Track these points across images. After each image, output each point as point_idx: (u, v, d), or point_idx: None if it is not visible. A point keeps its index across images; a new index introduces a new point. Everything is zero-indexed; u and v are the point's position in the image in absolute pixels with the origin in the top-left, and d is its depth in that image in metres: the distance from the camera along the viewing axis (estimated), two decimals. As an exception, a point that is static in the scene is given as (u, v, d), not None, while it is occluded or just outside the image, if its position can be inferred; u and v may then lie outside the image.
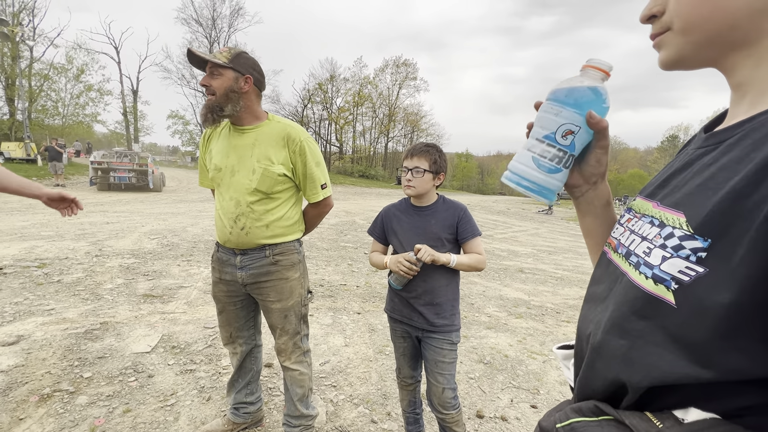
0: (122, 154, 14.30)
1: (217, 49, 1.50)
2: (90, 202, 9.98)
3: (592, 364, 0.50)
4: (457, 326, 1.60)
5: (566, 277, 5.84)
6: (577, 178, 0.65)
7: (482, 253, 1.58)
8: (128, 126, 33.43)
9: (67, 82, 27.48)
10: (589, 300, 0.58)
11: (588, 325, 0.54)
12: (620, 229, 0.57)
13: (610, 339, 0.47)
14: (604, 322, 0.49)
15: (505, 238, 9.84)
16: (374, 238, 1.73)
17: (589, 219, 0.69)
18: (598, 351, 0.49)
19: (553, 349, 0.71)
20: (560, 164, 0.59)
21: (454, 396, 1.61)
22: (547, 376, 2.67)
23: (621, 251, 0.53)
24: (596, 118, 0.56)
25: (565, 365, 0.67)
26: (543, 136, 0.59)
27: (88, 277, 3.94)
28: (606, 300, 0.52)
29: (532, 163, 0.60)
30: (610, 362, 0.47)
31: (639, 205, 0.55)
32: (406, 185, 1.56)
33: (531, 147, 0.60)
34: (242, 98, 1.50)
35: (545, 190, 0.60)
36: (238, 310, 1.72)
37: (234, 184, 1.53)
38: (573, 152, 0.59)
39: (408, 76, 47.27)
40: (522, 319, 3.78)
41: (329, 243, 6.77)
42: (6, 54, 23.53)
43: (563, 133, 0.57)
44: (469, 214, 1.60)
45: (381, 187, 33.24)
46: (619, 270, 0.52)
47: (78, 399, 2.03)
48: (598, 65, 0.57)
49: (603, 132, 0.58)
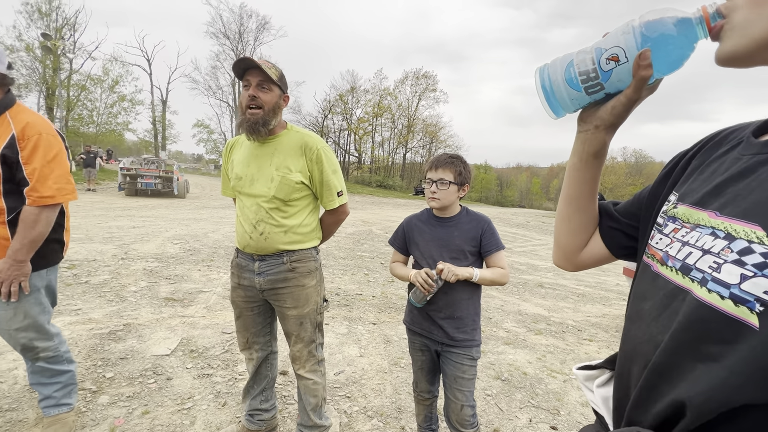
0: (149, 161, 14.88)
1: (261, 60, 1.53)
2: (118, 207, 10.38)
3: (651, 385, 0.47)
4: (477, 341, 1.57)
5: (588, 294, 5.65)
6: (587, 114, 0.59)
7: (505, 268, 1.54)
8: (156, 134, 34.76)
9: (102, 93, 28.89)
10: (635, 317, 0.54)
11: (638, 344, 0.51)
12: (665, 240, 0.53)
13: (678, 361, 0.44)
14: (666, 342, 0.45)
15: (525, 251, 9.64)
16: (395, 248, 1.72)
17: (574, 159, 0.66)
18: (659, 372, 0.46)
19: (573, 369, 0.68)
20: (583, 84, 0.52)
21: (473, 414, 1.56)
22: (568, 397, 2.57)
23: (673, 265, 0.49)
24: (645, 61, 0.47)
25: (587, 387, 0.64)
26: (596, 47, 0.52)
27: (113, 279, 4.07)
28: (660, 318, 0.48)
29: (565, 65, 0.53)
30: (676, 384, 0.43)
31: (687, 214, 0.51)
32: (431, 197, 1.54)
33: (581, 50, 0.53)
34: (280, 114, 1.59)
35: (552, 98, 0.54)
36: (255, 316, 1.74)
37: (254, 192, 1.58)
38: (604, 82, 0.51)
39: (428, 87, 47.54)
40: (541, 336, 3.67)
41: (346, 252, 6.79)
42: (48, 66, 25.00)
43: (609, 57, 0.49)
44: (493, 226, 1.58)
45: (398, 197, 33.28)
46: (676, 286, 0.48)
47: (100, 398, 2.08)
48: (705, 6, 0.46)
49: (639, 82, 0.49)
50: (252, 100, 1.50)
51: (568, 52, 0.54)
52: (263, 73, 1.48)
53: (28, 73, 25.10)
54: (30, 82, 25.37)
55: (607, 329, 4.10)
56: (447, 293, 1.52)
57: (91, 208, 9.71)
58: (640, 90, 0.51)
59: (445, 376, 1.60)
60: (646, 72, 0.48)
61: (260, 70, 1.48)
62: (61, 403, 1.77)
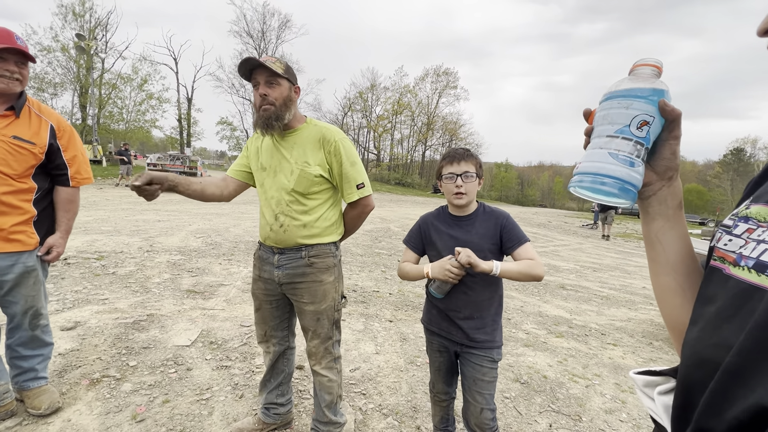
0: (175, 157, 15.34)
1: (264, 57, 1.54)
2: (145, 201, 10.74)
3: (725, 389, 0.43)
4: (498, 343, 1.51)
5: (612, 297, 5.46)
6: (649, 175, 0.59)
7: (535, 258, 1.42)
8: (182, 131, 35.81)
9: (131, 91, 30.01)
10: (700, 321, 0.51)
11: (703, 348, 0.48)
12: (737, 241, 0.50)
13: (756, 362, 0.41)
14: (741, 343, 0.42)
15: (546, 252, 9.41)
16: (409, 247, 1.64)
17: (659, 223, 0.61)
18: (734, 375, 0.42)
19: (631, 373, 0.63)
20: (639, 157, 0.55)
21: (493, 418, 1.51)
22: (591, 402, 2.48)
23: (745, 264, 0.46)
24: (670, 106, 0.53)
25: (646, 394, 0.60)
26: (616, 131, 0.55)
27: (139, 271, 4.21)
28: (732, 319, 0.45)
29: (609, 158, 0.55)
30: (754, 387, 0.40)
31: (762, 213, 0.48)
32: (457, 192, 1.45)
33: (603, 145, 0.56)
34: (293, 106, 1.58)
35: (629, 185, 0.54)
36: (274, 309, 1.74)
37: (275, 184, 1.59)
38: (648, 145, 0.55)
39: (448, 84, 47.09)
40: (563, 339, 3.56)
41: (364, 249, 6.80)
42: (82, 65, 26.11)
43: (638, 125, 0.54)
44: (512, 220, 1.50)
45: (417, 195, 33.14)
46: (750, 285, 0.45)
47: (123, 386, 2.14)
48: (651, 62, 0.55)
49: (677, 120, 0.55)
50: (263, 99, 1.51)
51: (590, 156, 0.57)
52: (268, 70, 1.48)
53: (63, 72, 26.29)
54: (65, 81, 26.56)
55: (633, 334, 3.94)
56: (467, 293, 1.47)
57: (120, 202, 10.09)
58: (680, 125, 0.56)
59: (464, 378, 1.55)
60: (678, 111, 0.54)
61: (265, 67, 1.48)
62: (40, 376, 1.90)
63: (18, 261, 1.69)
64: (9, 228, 1.64)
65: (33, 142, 1.67)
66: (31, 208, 1.71)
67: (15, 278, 1.70)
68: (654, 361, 3.31)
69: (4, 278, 1.69)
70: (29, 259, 1.73)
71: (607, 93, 0.57)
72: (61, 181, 1.82)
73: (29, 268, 1.73)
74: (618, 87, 0.56)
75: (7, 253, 1.67)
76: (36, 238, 1.75)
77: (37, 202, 1.74)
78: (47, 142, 1.71)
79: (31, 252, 1.74)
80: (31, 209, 1.71)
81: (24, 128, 1.66)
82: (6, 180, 1.61)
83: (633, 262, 9.15)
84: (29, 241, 1.72)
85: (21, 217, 1.68)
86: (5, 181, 1.61)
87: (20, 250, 1.69)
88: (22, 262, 1.70)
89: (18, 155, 1.63)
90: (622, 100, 0.55)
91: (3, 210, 1.62)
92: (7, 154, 1.60)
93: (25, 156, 1.65)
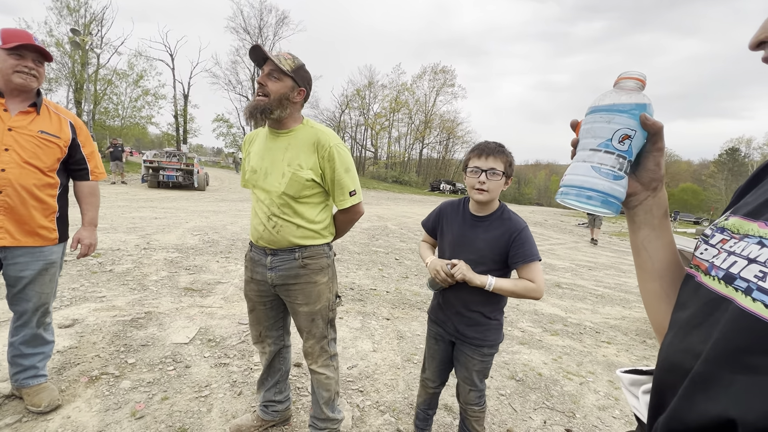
0: (171, 154, 15.23)
1: (278, 52, 1.53)
2: (141, 198, 10.69)
3: (690, 396, 0.45)
4: (490, 341, 1.54)
5: (607, 295, 5.52)
6: (634, 185, 0.61)
7: (537, 282, 1.38)
8: (178, 128, 35.57)
9: (127, 87, 29.74)
10: (674, 326, 0.53)
11: (674, 353, 0.50)
12: (711, 251, 0.52)
13: (719, 372, 0.43)
14: (707, 352, 0.44)
15: (542, 250, 9.47)
16: (425, 230, 1.71)
17: (645, 231, 0.63)
18: (700, 383, 0.44)
19: (618, 372, 0.66)
20: (621, 170, 0.57)
21: (479, 395, 1.62)
22: (585, 399, 2.52)
23: (716, 274, 0.49)
24: (651, 120, 0.55)
25: (631, 392, 0.62)
26: (598, 145, 0.57)
27: (136, 269, 4.20)
28: (700, 327, 0.48)
29: (592, 171, 0.57)
30: (718, 397, 0.42)
31: (737, 225, 0.50)
32: (479, 188, 1.39)
33: (586, 158, 0.58)
34: (290, 107, 1.54)
35: (611, 198, 0.57)
36: (268, 310, 1.75)
37: (267, 186, 1.56)
38: (630, 158, 0.58)
39: (446, 82, 47.08)
40: (558, 337, 3.60)
41: (361, 247, 6.82)
42: (77, 61, 25.85)
43: (620, 138, 0.56)
44: (527, 234, 1.42)
45: (414, 193, 33.15)
46: (718, 295, 0.47)
47: (122, 383, 2.16)
48: (634, 75, 0.57)
49: (659, 133, 0.57)
50: (260, 88, 1.50)
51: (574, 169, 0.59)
52: (273, 63, 1.48)
53: (58, 67, 26.00)
54: (60, 76, 26.27)
55: (627, 332, 4.00)
56: (460, 290, 1.51)
57: (116, 199, 10.04)
58: (663, 137, 0.58)
59: (457, 362, 1.64)
60: (660, 125, 0.56)
61: (272, 60, 1.47)
62: (40, 374, 1.92)
63: (39, 257, 1.74)
64: (37, 222, 1.70)
65: (58, 136, 1.74)
66: (55, 204, 1.77)
67: (33, 275, 1.74)
68: (647, 358, 3.36)
69: (23, 274, 1.71)
70: (51, 254, 1.78)
71: (591, 106, 0.59)
72: (81, 176, 1.89)
73: (49, 264, 1.78)
74: (601, 101, 0.58)
75: (29, 248, 1.71)
76: (56, 234, 1.80)
77: (59, 198, 1.80)
78: (71, 137, 1.79)
79: (52, 247, 1.78)
80: (55, 204, 1.77)
81: (47, 124, 1.73)
82: (36, 174, 1.68)
83: (628, 260, 9.23)
84: (51, 236, 1.77)
85: (46, 212, 1.74)
86: (35, 175, 1.67)
87: (42, 245, 1.74)
88: (43, 257, 1.75)
89: (47, 149, 1.70)
90: (605, 114, 0.57)
91: (32, 204, 1.68)
92: (36, 148, 1.67)
93: (53, 150, 1.72)
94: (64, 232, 1.86)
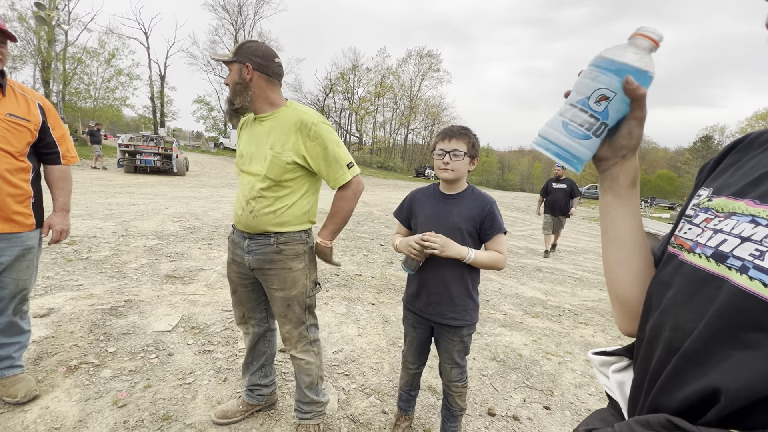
0: (149, 138, 14.71)
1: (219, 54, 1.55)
2: (117, 183, 10.34)
3: (680, 371, 0.46)
4: (468, 322, 1.58)
5: (586, 278, 5.70)
6: (605, 150, 0.60)
7: (503, 252, 1.52)
8: (155, 111, 34.29)
9: (98, 66, 28.36)
10: (656, 305, 0.54)
11: (661, 331, 0.51)
12: (695, 230, 0.53)
13: (713, 348, 0.43)
14: (700, 330, 0.45)
15: (524, 235, 9.67)
16: (399, 221, 1.72)
17: (609, 197, 0.63)
18: (694, 360, 0.45)
19: (589, 354, 0.68)
20: (590, 131, 0.56)
21: (460, 372, 1.67)
22: (562, 378, 2.62)
23: (702, 252, 0.49)
24: (633, 84, 0.52)
25: (602, 372, 0.65)
26: (576, 101, 0.56)
27: (114, 256, 4.09)
28: (687, 305, 0.48)
29: (561, 127, 0.57)
30: (708, 371, 0.43)
31: (722, 204, 0.51)
32: (443, 168, 1.49)
33: (563, 112, 0.57)
34: (249, 88, 1.50)
35: (573, 157, 0.57)
36: (249, 292, 1.74)
37: (251, 170, 1.56)
38: (605, 120, 0.56)
39: (431, 67, 46.66)
40: (538, 319, 3.72)
41: (346, 233, 6.81)
42: (43, 38, 24.39)
43: (597, 99, 0.54)
44: (496, 208, 1.54)
45: (399, 178, 33.13)
46: (707, 273, 0.47)
47: (102, 372, 2.12)
48: (648, 33, 0.53)
49: (639, 101, 0.54)
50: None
51: (551, 118, 0.59)
52: (222, 60, 1.50)
53: (23, 44, 24.52)
54: (25, 54, 24.81)
55: (603, 314, 4.15)
56: (438, 269, 1.53)
57: (90, 184, 9.68)
58: (644, 106, 0.55)
59: (438, 346, 1.68)
60: (641, 91, 0.53)
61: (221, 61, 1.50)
62: (16, 364, 1.89)
63: (16, 242, 1.69)
64: (12, 208, 1.65)
65: (28, 119, 1.67)
66: (30, 189, 1.72)
67: (9, 261, 1.69)
68: (621, 338, 3.51)
69: None
70: (28, 239, 1.73)
71: (594, 57, 0.57)
72: (52, 160, 1.83)
73: (26, 250, 1.73)
74: (600, 55, 0.56)
75: (5, 234, 1.65)
76: (33, 219, 1.74)
77: (33, 183, 1.74)
78: (41, 120, 1.73)
79: (28, 233, 1.73)
80: (30, 189, 1.72)
81: (14, 106, 1.65)
82: (7, 158, 1.62)
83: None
84: (27, 222, 1.72)
85: (21, 198, 1.69)
86: (7, 160, 1.62)
87: (19, 231, 1.70)
88: (20, 243, 1.71)
89: (16, 132, 1.64)
90: (594, 71, 0.55)
91: (6, 190, 1.62)
92: (6, 132, 1.60)
93: (24, 133, 1.66)
94: (41, 217, 1.80)
